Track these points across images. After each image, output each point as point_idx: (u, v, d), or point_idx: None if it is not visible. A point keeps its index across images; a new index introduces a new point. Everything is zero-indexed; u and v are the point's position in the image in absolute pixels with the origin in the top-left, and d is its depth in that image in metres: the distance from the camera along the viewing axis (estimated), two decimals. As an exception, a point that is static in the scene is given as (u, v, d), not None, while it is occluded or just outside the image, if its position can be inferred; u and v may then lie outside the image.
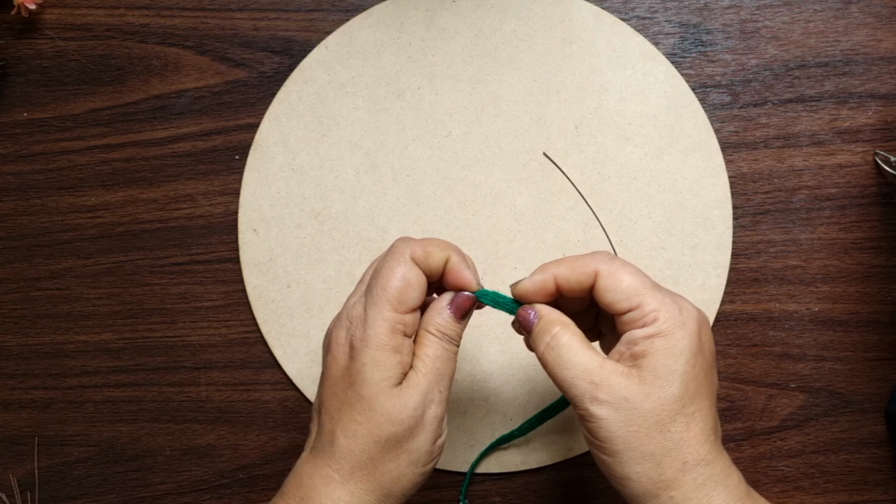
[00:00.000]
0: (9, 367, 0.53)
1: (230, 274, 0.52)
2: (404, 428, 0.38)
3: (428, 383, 0.39)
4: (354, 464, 0.38)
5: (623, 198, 0.51)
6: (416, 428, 0.38)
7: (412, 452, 0.39)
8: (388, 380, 0.38)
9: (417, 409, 0.38)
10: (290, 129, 0.52)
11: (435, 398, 0.39)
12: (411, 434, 0.38)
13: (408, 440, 0.38)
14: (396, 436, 0.38)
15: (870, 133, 0.51)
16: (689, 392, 0.36)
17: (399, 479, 0.38)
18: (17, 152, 0.53)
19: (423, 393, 0.38)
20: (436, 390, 0.39)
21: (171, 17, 0.53)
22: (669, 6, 0.52)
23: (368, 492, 0.38)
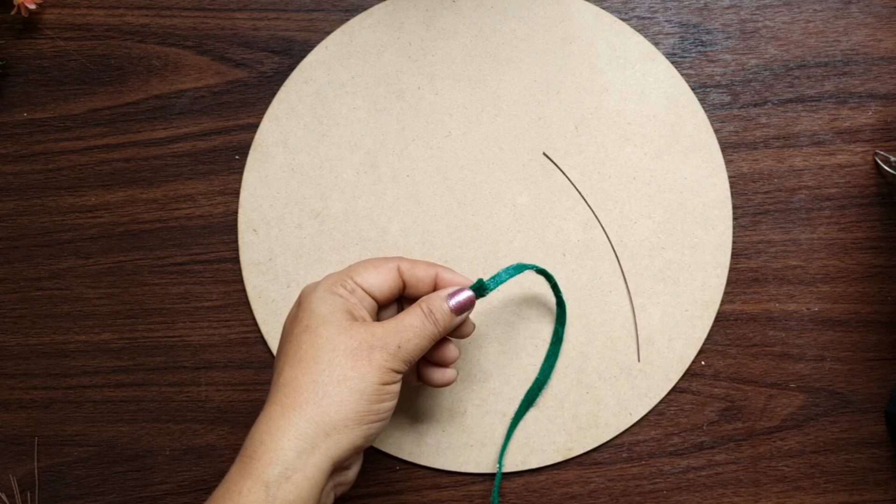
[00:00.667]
0: (9, 367, 0.53)
1: (230, 274, 0.52)
2: (346, 352, 0.39)
3: (385, 332, 0.41)
4: (296, 390, 0.39)
5: (623, 198, 0.51)
6: (360, 359, 0.40)
7: (355, 380, 0.39)
8: (332, 314, 0.40)
9: (363, 342, 0.40)
10: (290, 129, 0.52)
11: (389, 348, 0.40)
12: (354, 361, 0.39)
13: (349, 366, 0.39)
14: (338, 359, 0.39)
15: (870, 133, 0.51)
16: None
17: (341, 404, 0.39)
18: (17, 152, 0.53)
19: (375, 335, 0.40)
20: (394, 343, 0.41)
21: (171, 17, 0.53)
22: (669, 6, 0.52)
23: (309, 419, 0.38)
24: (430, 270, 0.44)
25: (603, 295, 0.51)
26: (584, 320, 0.50)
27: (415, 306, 0.42)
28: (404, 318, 0.42)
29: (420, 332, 0.42)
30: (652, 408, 0.50)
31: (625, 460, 0.51)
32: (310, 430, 0.38)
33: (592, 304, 0.50)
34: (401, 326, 0.41)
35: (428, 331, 0.42)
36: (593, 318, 0.50)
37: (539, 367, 0.50)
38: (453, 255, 0.51)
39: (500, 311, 0.50)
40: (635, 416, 0.50)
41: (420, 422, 0.51)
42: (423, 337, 0.42)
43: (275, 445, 0.38)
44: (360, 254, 0.51)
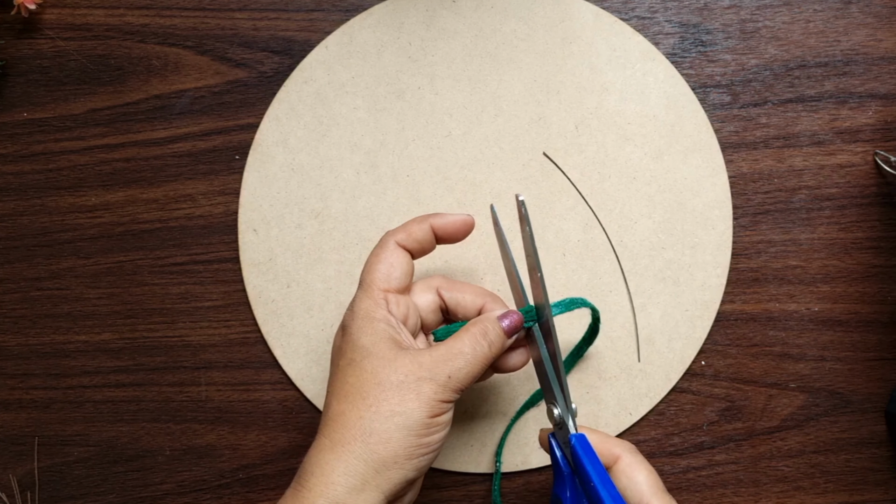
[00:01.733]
0: (9, 367, 0.53)
1: (230, 274, 0.52)
2: (392, 386, 0.38)
3: (433, 361, 0.39)
4: (344, 426, 0.38)
5: (623, 198, 0.51)
6: (407, 393, 0.38)
7: (402, 415, 0.38)
8: (375, 346, 0.39)
9: (410, 375, 0.38)
10: (290, 129, 0.52)
11: (439, 379, 0.39)
12: (401, 396, 0.38)
13: (397, 401, 0.38)
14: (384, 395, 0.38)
15: (870, 133, 0.51)
16: None
17: (388, 441, 0.37)
18: (17, 152, 0.53)
19: (422, 365, 0.39)
20: (444, 374, 0.39)
21: (171, 17, 0.53)
22: (669, 6, 0.52)
23: (357, 456, 0.37)
24: (423, 227, 0.43)
25: (603, 295, 0.51)
26: (584, 320, 0.50)
27: (465, 330, 0.41)
28: (454, 345, 0.40)
29: (472, 358, 0.40)
30: (652, 408, 0.50)
31: (625, 460, 0.51)
32: (359, 467, 0.37)
33: (592, 303, 0.50)
34: (450, 354, 0.39)
35: (481, 355, 0.40)
36: (593, 318, 0.50)
37: None
38: (453, 255, 0.51)
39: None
40: (635, 416, 0.50)
41: (420, 422, 0.51)
42: (475, 364, 0.40)
43: (325, 479, 0.37)
44: (359, 254, 0.51)
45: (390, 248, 0.42)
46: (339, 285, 0.51)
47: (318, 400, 0.51)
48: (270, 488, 0.52)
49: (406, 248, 0.43)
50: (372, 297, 0.41)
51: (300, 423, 0.52)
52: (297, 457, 0.52)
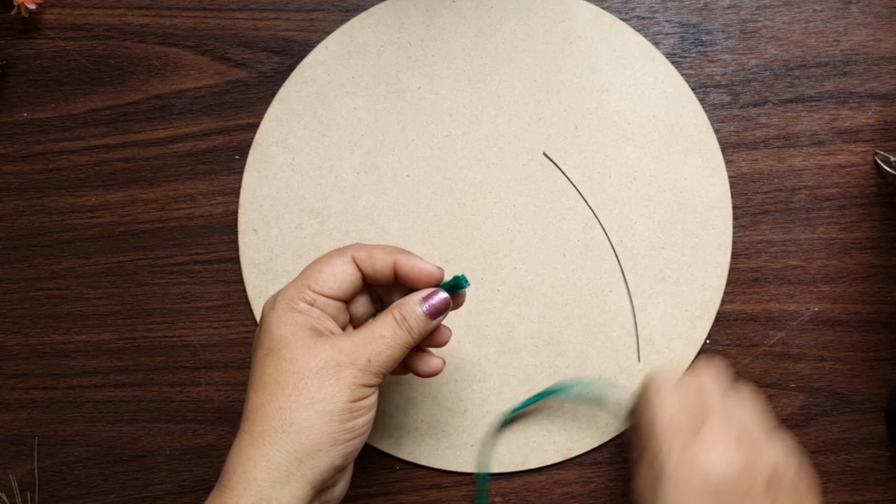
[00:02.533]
0: (9, 367, 0.53)
1: (230, 274, 0.52)
2: (311, 374, 0.37)
3: (353, 346, 0.39)
4: (263, 418, 0.37)
5: (623, 198, 0.51)
6: (327, 379, 0.38)
7: (321, 402, 0.37)
8: (293, 334, 0.38)
9: (329, 360, 0.38)
10: (290, 129, 0.52)
11: (359, 363, 0.38)
12: (321, 383, 0.38)
13: (316, 387, 0.37)
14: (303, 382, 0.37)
15: (870, 133, 0.51)
16: None
17: (310, 429, 0.37)
18: (17, 152, 0.53)
19: (342, 350, 0.38)
20: (363, 358, 0.39)
21: (171, 17, 0.53)
22: (669, 6, 0.52)
23: (279, 448, 0.37)
24: (387, 259, 0.41)
25: (603, 295, 0.51)
26: (584, 320, 0.50)
27: (386, 314, 0.40)
28: (374, 328, 0.39)
29: (392, 342, 0.39)
30: (652, 408, 0.50)
31: (625, 460, 0.51)
32: (281, 459, 0.37)
33: (592, 304, 0.50)
34: (371, 338, 0.39)
35: (401, 340, 0.40)
36: (593, 318, 0.50)
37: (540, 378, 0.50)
38: (453, 255, 0.51)
39: (500, 311, 0.50)
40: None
41: (420, 422, 0.51)
42: (395, 347, 0.39)
43: (247, 476, 0.36)
44: (360, 254, 0.51)
45: (344, 258, 0.41)
46: (339, 285, 0.51)
47: (318, 400, 0.51)
48: (270, 488, 0.52)
49: (360, 267, 0.41)
50: (298, 289, 0.40)
51: (300, 423, 0.52)
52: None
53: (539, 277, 0.51)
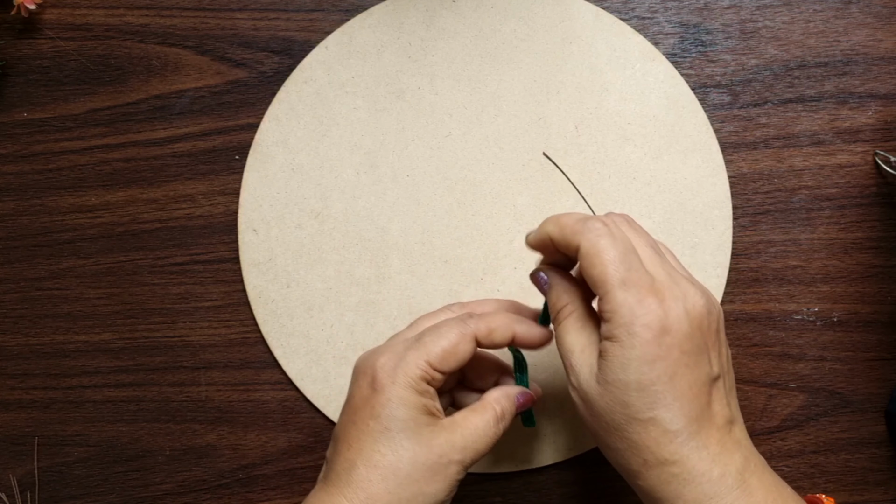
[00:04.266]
0: (9, 367, 0.53)
1: (230, 274, 0.52)
2: (426, 470, 0.38)
3: (464, 442, 0.39)
4: (371, 494, 0.38)
5: (623, 198, 0.51)
6: (437, 476, 0.38)
7: (427, 496, 0.38)
8: (413, 420, 0.38)
9: (442, 456, 0.38)
10: (290, 129, 0.52)
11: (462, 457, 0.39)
12: (432, 478, 0.38)
13: (427, 482, 0.38)
14: (417, 473, 0.38)
15: (870, 133, 0.51)
16: (643, 399, 0.35)
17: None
18: (17, 152, 0.53)
19: (452, 445, 0.39)
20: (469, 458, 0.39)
21: (171, 17, 0.53)
22: (669, 6, 0.52)
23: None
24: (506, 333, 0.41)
25: (603, 295, 0.50)
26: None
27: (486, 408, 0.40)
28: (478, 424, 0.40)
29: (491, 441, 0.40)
30: (652, 408, 0.50)
31: (625, 460, 0.51)
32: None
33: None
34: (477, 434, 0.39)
35: (493, 434, 0.40)
36: (593, 318, 0.50)
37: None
38: (453, 256, 0.51)
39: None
40: (635, 416, 0.50)
41: (420, 422, 0.51)
42: (490, 443, 0.40)
43: None
44: (359, 254, 0.51)
45: (467, 339, 0.40)
46: (339, 285, 0.51)
47: (317, 400, 0.51)
48: (270, 488, 0.52)
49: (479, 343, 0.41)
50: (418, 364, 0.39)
51: (300, 423, 0.52)
52: (297, 457, 0.52)
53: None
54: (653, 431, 0.36)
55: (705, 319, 0.37)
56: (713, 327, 0.38)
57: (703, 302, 0.37)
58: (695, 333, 0.36)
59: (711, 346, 0.37)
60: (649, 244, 0.39)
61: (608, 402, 0.36)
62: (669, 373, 0.35)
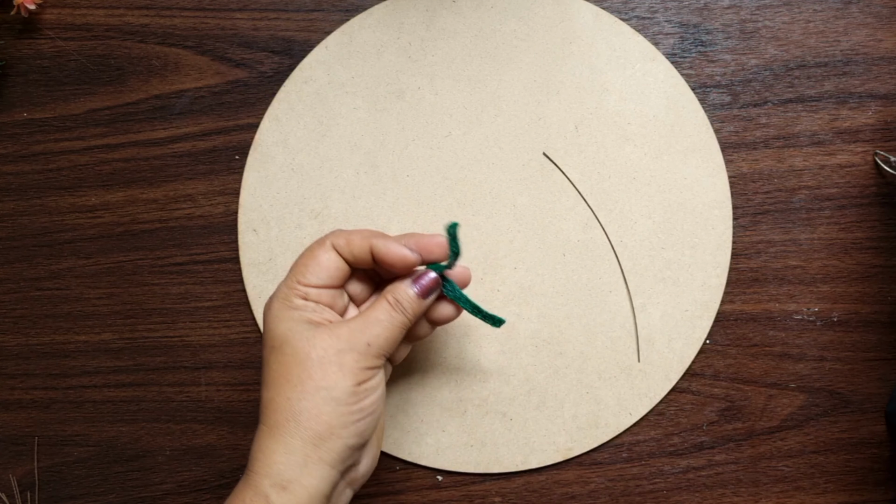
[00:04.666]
0: (9, 367, 0.53)
1: (230, 274, 0.52)
2: (312, 363, 0.39)
3: (350, 332, 0.40)
4: (276, 410, 0.39)
5: (623, 198, 0.51)
6: (329, 367, 0.39)
7: (326, 389, 0.39)
8: (291, 330, 0.40)
9: (328, 348, 0.40)
10: (290, 129, 0.52)
11: (358, 347, 0.40)
12: (323, 371, 0.39)
13: (319, 375, 0.39)
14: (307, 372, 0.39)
15: (870, 133, 0.51)
16: None
17: (319, 416, 0.39)
18: (17, 152, 0.53)
19: (340, 338, 0.40)
20: (362, 342, 0.40)
21: (171, 17, 0.53)
22: (669, 6, 0.52)
23: (293, 435, 0.39)
24: (364, 244, 0.42)
25: (603, 295, 0.51)
26: (584, 320, 0.50)
27: (381, 298, 0.42)
28: (370, 313, 0.41)
29: (388, 324, 0.41)
30: (652, 408, 0.50)
31: (625, 460, 0.51)
32: (297, 445, 0.39)
33: (592, 304, 0.50)
34: (367, 322, 0.41)
35: (396, 321, 0.42)
36: (593, 318, 0.50)
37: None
38: (453, 255, 0.51)
39: (500, 311, 0.50)
40: (635, 416, 0.50)
41: (420, 422, 0.51)
42: (392, 329, 0.41)
43: (269, 461, 0.39)
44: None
45: (325, 247, 0.42)
46: (339, 285, 0.51)
47: (318, 400, 0.51)
48: (270, 488, 0.52)
49: (341, 254, 0.42)
50: (289, 286, 0.42)
51: (300, 423, 0.52)
52: (297, 457, 0.52)
53: (539, 277, 0.51)
54: None
55: None
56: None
57: None
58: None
59: None
60: None
61: None
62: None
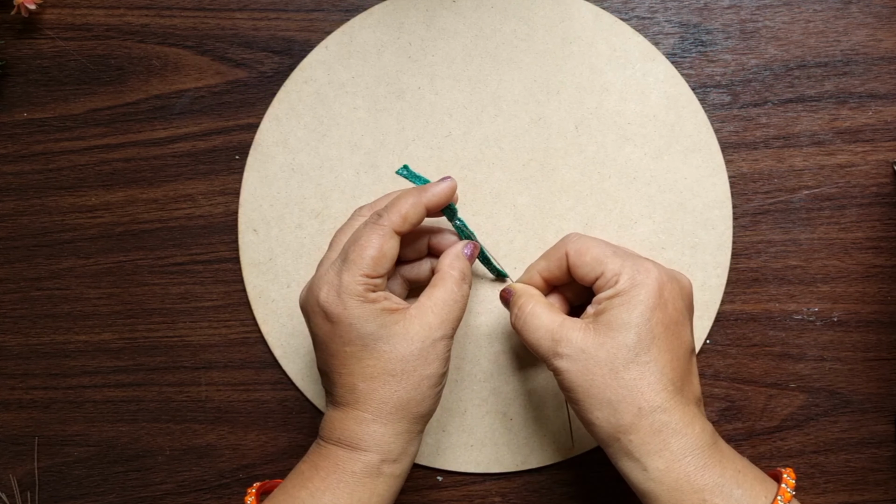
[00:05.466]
0: (9, 367, 0.53)
1: (230, 274, 0.52)
2: (415, 358, 0.41)
3: (439, 319, 0.42)
4: (380, 401, 0.41)
5: (623, 198, 0.51)
6: (428, 357, 0.41)
7: (429, 378, 0.41)
8: (381, 326, 0.41)
9: (425, 340, 0.41)
10: (290, 129, 0.52)
11: (444, 331, 0.42)
12: (425, 362, 0.41)
13: (422, 367, 0.41)
14: (411, 366, 0.41)
15: (870, 133, 0.51)
16: (642, 341, 0.39)
17: (422, 401, 0.42)
18: (17, 152, 0.53)
19: (429, 326, 0.41)
20: (450, 327, 0.42)
21: (171, 17, 0.53)
22: (669, 6, 0.52)
23: (401, 419, 0.41)
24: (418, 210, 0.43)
25: (603, 295, 0.50)
26: (584, 320, 0.50)
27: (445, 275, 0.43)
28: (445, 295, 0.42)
29: (462, 300, 0.43)
30: (652, 408, 0.50)
31: (625, 460, 0.51)
32: (405, 427, 0.42)
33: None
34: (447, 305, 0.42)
35: (464, 293, 0.43)
36: (593, 318, 0.50)
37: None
38: (453, 255, 0.51)
39: (501, 310, 0.50)
40: (635, 416, 0.50)
41: (420, 422, 0.51)
42: (464, 302, 0.43)
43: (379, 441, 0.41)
44: (360, 254, 0.51)
45: (387, 234, 0.42)
46: (339, 285, 0.51)
47: (318, 400, 0.51)
48: (270, 488, 0.52)
49: (400, 233, 0.42)
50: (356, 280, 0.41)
51: (300, 423, 0.52)
52: (297, 457, 0.51)
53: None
54: (649, 375, 0.39)
55: (687, 290, 0.43)
56: (689, 302, 0.43)
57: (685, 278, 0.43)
58: (682, 298, 0.42)
59: (691, 319, 0.43)
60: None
61: (609, 349, 0.40)
62: (665, 322, 0.40)
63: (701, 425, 0.40)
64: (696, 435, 0.39)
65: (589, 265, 0.42)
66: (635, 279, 0.40)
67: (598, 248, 0.42)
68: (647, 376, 0.39)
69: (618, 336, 0.40)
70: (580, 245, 0.43)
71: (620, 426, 0.39)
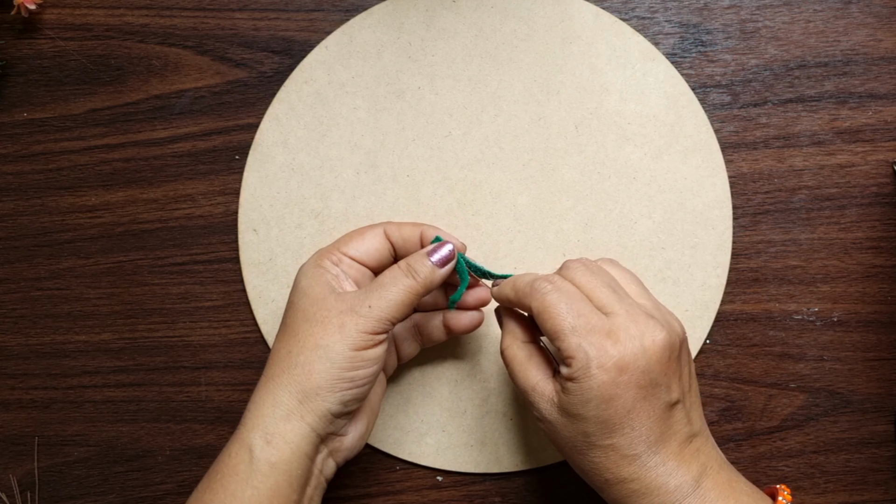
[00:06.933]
0: (9, 367, 0.53)
1: (230, 274, 0.52)
2: (316, 321, 0.40)
3: (355, 296, 0.41)
4: (274, 361, 0.41)
5: (623, 198, 0.51)
6: (329, 326, 0.40)
7: (324, 348, 0.40)
8: (312, 286, 0.42)
9: (333, 309, 0.41)
10: (290, 129, 0.52)
11: (360, 310, 0.41)
12: (324, 330, 0.40)
13: (321, 335, 0.40)
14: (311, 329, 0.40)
15: (870, 133, 0.51)
16: (601, 429, 0.38)
17: (311, 373, 0.40)
18: (17, 152, 0.53)
19: (345, 301, 0.41)
20: (364, 305, 0.41)
21: (171, 17, 0.53)
22: (669, 6, 0.52)
23: (283, 387, 0.40)
24: (415, 230, 0.45)
25: (603, 295, 0.50)
26: (584, 320, 0.50)
27: (392, 266, 0.43)
28: (379, 278, 0.42)
29: (395, 288, 0.41)
30: (652, 408, 0.50)
31: (625, 460, 0.51)
32: (284, 398, 0.40)
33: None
34: (373, 286, 0.42)
35: (405, 285, 0.41)
36: (593, 318, 0.50)
37: None
38: (453, 255, 0.51)
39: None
40: (635, 416, 0.50)
41: (420, 422, 0.51)
42: (398, 292, 0.41)
43: (257, 412, 0.40)
44: (360, 254, 0.51)
45: (376, 231, 0.45)
46: (339, 285, 0.51)
47: (318, 400, 0.51)
48: (270, 488, 0.52)
49: (390, 238, 0.45)
50: (328, 249, 0.44)
51: (300, 423, 0.52)
52: (297, 457, 0.52)
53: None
54: (612, 456, 0.38)
55: (665, 352, 0.39)
56: (673, 356, 0.39)
57: (662, 336, 0.39)
58: (652, 368, 0.38)
59: (672, 374, 0.39)
60: (607, 284, 0.41)
61: (570, 432, 0.39)
62: (627, 407, 0.38)
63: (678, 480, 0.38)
64: (671, 491, 0.38)
65: (548, 332, 0.39)
66: (589, 369, 0.37)
67: (557, 319, 0.39)
68: (610, 456, 0.38)
69: (577, 423, 0.39)
70: (544, 306, 0.39)
71: (593, 485, 0.40)
